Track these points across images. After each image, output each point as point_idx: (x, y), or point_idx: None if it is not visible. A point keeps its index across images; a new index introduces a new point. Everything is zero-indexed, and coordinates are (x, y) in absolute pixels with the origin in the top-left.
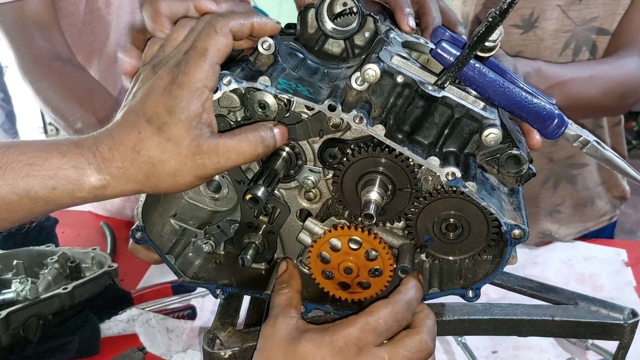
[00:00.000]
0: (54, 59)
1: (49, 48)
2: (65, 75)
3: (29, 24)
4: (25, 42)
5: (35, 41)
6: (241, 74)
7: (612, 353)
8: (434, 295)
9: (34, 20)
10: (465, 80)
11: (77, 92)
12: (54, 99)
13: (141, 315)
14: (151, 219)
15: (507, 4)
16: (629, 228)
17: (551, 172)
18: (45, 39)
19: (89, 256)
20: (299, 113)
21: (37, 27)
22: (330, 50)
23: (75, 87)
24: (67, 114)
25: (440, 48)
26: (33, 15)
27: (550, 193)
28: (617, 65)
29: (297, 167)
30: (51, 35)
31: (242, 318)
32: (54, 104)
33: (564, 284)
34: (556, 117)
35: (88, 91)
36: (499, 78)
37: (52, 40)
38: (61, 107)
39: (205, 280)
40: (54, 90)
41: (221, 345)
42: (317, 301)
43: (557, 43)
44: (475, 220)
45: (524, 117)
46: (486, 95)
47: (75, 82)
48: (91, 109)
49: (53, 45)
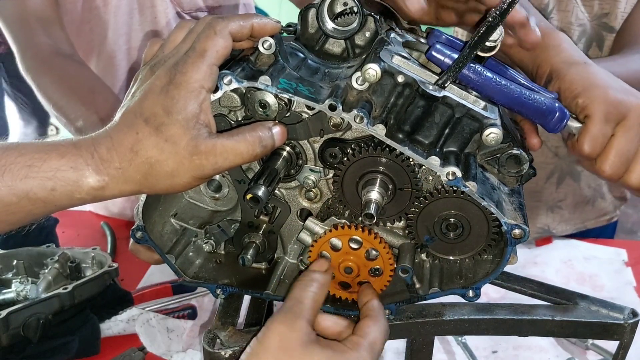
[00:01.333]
0: (56, 55)
1: (50, 44)
2: (67, 72)
3: (30, 20)
4: (27, 37)
5: (37, 37)
6: (242, 73)
7: (612, 353)
8: (435, 295)
9: (36, 16)
10: (462, 80)
11: (78, 90)
12: (56, 96)
13: (141, 315)
14: (151, 219)
15: (507, 4)
16: (629, 228)
17: (556, 167)
18: (46, 34)
19: (89, 256)
20: (300, 113)
21: (38, 22)
22: (330, 50)
23: (77, 85)
24: (69, 112)
25: (435, 50)
26: (34, 10)
27: (553, 188)
28: (621, 62)
29: (297, 167)
30: (53, 31)
31: (243, 318)
32: (56, 101)
33: (564, 284)
34: (557, 110)
35: (90, 89)
36: (495, 76)
37: (54, 36)
38: (63, 105)
39: (206, 280)
40: (56, 88)
41: (221, 345)
42: None
43: (570, 36)
44: (476, 220)
45: (525, 114)
46: (484, 93)
47: (77, 80)
48: (93, 107)
49: (55, 41)
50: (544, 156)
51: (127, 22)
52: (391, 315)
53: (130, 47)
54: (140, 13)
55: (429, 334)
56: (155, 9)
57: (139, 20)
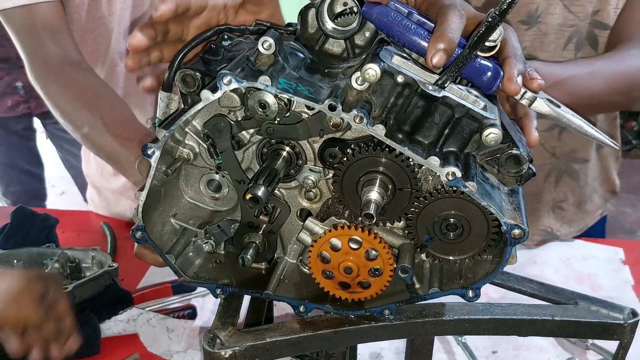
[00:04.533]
0: (64, 64)
1: (58, 52)
2: (73, 79)
3: (39, 29)
4: (36, 46)
5: (46, 46)
6: (241, 73)
7: (612, 353)
8: (434, 295)
9: (44, 25)
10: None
11: (84, 96)
12: (63, 103)
13: (142, 314)
14: (151, 219)
15: (507, 4)
16: (629, 228)
17: (553, 166)
18: (55, 43)
19: (89, 256)
20: (300, 113)
21: (47, 31)
22: (330, 50)
23: (83, 91)
24: (75, 119)
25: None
26: (43, 19)
27: (552, 188)
28: (617, 59)
29: (297, 167)
30: (61, 39)
31: (243, 318)
32: (63, 108)
33: (563, 284)
34: (491, 70)
35: (95, 95)
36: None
37: (62, 44)
38: (69, 112)
39: (206, 280)
40: (63, 95)
41: (221, 345)
42: (317, 301)
43: (560, 38)
44: (475, 220)
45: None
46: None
47: (82, 86)
48: (97, 112)
49: (63, 50)
50: (542, 158)
51: (129, 28)
52: (391, 315)
53: None
54: (144, 22)
55: (429, 334)
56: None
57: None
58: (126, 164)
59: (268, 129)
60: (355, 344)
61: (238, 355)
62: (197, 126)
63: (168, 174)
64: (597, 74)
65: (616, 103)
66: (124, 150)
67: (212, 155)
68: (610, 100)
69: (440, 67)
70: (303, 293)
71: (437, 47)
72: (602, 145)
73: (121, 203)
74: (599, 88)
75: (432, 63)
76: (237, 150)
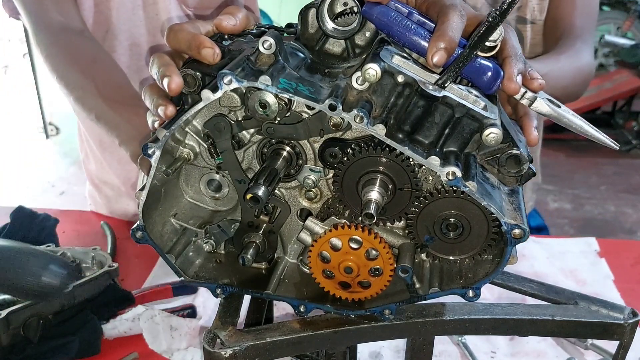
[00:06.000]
0: (65, 30)
1: (61, 20)
2: (72, 44)
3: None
4: (39, 14)
5: (49, 13)
6: (242, 73)
7: (612, 353)
8: (435, 295)
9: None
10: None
11: (80, 60)
12: (60, 66)
13: (146, 310)
14: (152, 218)
15: (507, 4)
16: (629, 228)
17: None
18: (58, 11)
19: (89, 256)
20: (300, 112)
21: (51, 1)
22: (330, 49)
23: (80, 56)
24: (69, 81)
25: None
26: None
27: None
28: (572, 54)
29: (297, 167)
30: (65, 8)
31: (243, 318)
32: (60, 71)
33: (555, 281)
34: (492, 70)
35: (92, 59)
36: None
37: (66, 13)
38: (64, 74)
39: (206, 280)
40: (61, 58)
41: (222, 345)
42: (318, 300)
43: None
44: (476, 220)
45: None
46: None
47: (80, 51)
48: (91, 76)
49: (66, 18)
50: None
51: (130, 19)
52: (391, 315)
53: (132, 43)
54: (144, 9)
55: (429, 334)
56: (158, 5)
57: (141, 16)
58: (113, 125)
59: (268, 128)
60: (355, 343)
61: (238, 355)
62: (197, 126)
63: (168, 174)
64: (564, 69)
65: (577, 93)
66: (112, 111)
67: (212, 155)
68: (574, 91)
69: (440, 66)
70: (303, 293)
71: (438, 46)
72: None
73: (121, 200)
74: (567, 82)
75: (433, 62)
76: (237, 150)
